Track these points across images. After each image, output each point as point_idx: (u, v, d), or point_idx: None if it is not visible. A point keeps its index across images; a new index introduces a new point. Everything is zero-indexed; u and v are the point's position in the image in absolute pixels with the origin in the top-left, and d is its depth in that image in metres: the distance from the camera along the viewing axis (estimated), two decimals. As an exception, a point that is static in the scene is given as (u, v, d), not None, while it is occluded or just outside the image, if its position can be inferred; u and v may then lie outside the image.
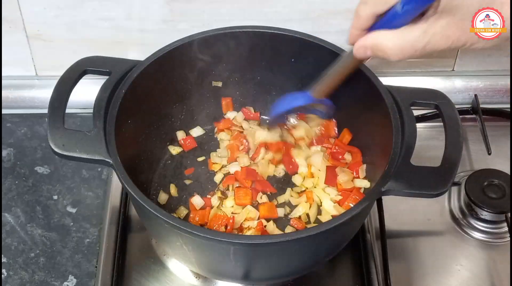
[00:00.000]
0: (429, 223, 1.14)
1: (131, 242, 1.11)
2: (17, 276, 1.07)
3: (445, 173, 0.91)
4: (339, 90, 1.14)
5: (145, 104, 1.08)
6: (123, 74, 1.03)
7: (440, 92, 1.02)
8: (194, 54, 1.09)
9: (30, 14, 1.20)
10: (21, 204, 1.16)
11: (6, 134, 1.27)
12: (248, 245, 0.87)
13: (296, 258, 0.95)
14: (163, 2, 1.18)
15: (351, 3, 1.17)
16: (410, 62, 1.30)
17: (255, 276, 1.00)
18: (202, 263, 0.98)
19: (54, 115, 0.96)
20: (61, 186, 1.19)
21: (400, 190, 0.91)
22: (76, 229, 1.13)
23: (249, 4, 1.18)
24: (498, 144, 1.21)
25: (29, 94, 1.31)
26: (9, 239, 1.12)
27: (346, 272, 1.08)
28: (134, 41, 1.24)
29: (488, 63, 1.31)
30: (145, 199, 0.89)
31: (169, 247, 1.01)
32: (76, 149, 0.93)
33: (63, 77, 1.01)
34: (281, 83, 1.19)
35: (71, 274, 1.08)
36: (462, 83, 1.32)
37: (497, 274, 1.07)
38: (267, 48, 1.12)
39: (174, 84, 1.12)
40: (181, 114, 1.19)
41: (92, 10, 1.19)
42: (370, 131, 1.08)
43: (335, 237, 0.96)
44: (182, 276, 1.07)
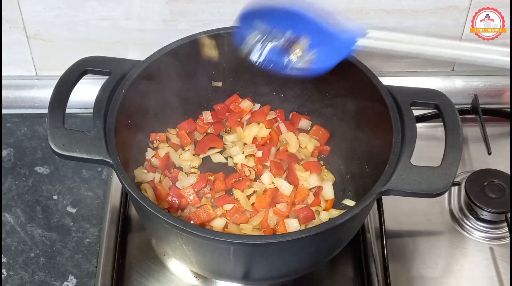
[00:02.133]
0: (429, 223, 1.14)
1: (131, 242, 1.11)
2: (17, 276, 1.07)
3: (445, 173, 0.91)
4: (338, 89, 1.14)
5: (145, 104, 1.08)
6: (123, 74, 1.03)
7: (440, 92, 1.02)
8: (194, 54, 1.09)
9: (30, 14, 1.20)
10: (21, 204, 1.16)
11: (6, 134, 1.27)
12: (248, 245, 0.87)
13: (296, 258, 0.95)
14: (163, 2, 1.18)
15: (351, 3, 1.18)
16: (410, 62, 1.30)
17: (255, 276, 1.00)
18: (202, 263, 0.98)
19: (54, 115, 0.96)
20: (61, 186, 1.19)
21: (400, 190, 0.91)
22: (76, 229, 1.13)
23: (249, 4, 1.18)
24: (498, 144, 1.21)
25: (29, 94, 1.30)
26: (9, 239, 1.12)
27: (346, 272, 1.08)
28: (134, 41, 1.24)
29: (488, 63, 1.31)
30: (145, 199, 0.89)
31: (169, 247, 1.01)
32: (76, 149, 0.93)
33: (63, 77, 1.01)
34: (281, 83, 1.19)
35: (71, 274, 1.08)
36: (462, 83, 1.32)
37: (497, 274, 1.07)
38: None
39: (174, 84, 1.12)
40: (181, 114, 1.19)
41: (92, 10, 1.19)
42: (370, 131, 1.08)
43: (335, 237, 0.96)
44: (182, 276, 1.07)
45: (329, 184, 1.13)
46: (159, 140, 1.16)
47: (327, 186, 1.12)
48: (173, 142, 1.17)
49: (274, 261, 0.94)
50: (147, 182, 1.10)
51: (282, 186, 1.11)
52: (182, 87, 1.14)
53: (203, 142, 1.18)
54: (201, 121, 1.20)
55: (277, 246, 0.87)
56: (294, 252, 0.92)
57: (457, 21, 1.21)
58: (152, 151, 1.14)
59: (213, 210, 1.07)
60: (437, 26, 1.22)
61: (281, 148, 1.18)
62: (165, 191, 1.10)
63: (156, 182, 1.11)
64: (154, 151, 1.14)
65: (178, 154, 1.16)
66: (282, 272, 1.00)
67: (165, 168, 1.13)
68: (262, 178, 1.13)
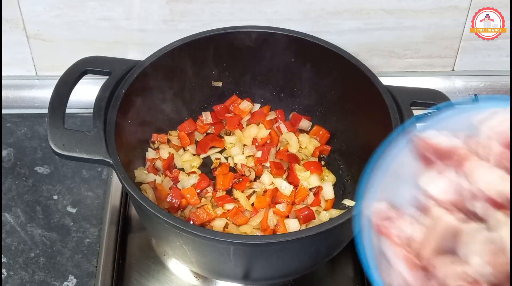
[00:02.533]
0: (429, 223, 1.13)
1: (131, 242, 1.11)
2: (17, 276, 1.07)
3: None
4: (339, 89, 1.14)
5: (145, 104, 1.08)
6: (123, 74, 1.03)
7: (440, 92, 1.02)
8: (194, 54, 1.09)
9: (30, 14, 1.20)
10: (21, 204, 1.16)
11: (6, 134, 1.27)
12: (248, 245, 0.87)
13: (296, 258, 0.95)
14: (163, 2, 1.18)
15: (351, 3, 1.19)
16: (410, 62, 1.30)
17: (255, 276, 1.00)
18: (202, 263, 0.98)
19: (54, 115, 0.96)
20: (61, 186, 1.19)
21: (400, 190, 0.91)
22: (76, 229, 1.13)
23: (249, 4, 1.18)
24: (498, 144, 1.21)
25: (29, 94, 1.30)
26: (9, 239, 1.12)
27: (346, 272, 1.08)
28: (134, 41, 1.24)
29: (488, 63, 1.31)
30: (145, 199, 0.89)
31: (169, 247, 1.01)
32: (76, 149, 0.93)
33: (63, 77, 1.01)
34: (281, 84, 1.19)
35: (71, 274, 1.08)
36: (462, 83, 1.32)
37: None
38: (267, 48, 1.12)
39: (174, 84, 1.12)
40: (181, 114, 1.19)
41: (92, 10, 1.19)
42: (370, 131, 1.07)
43: (335, 237, 0.96)
44: (182, 276, 1.07)
45: (329, 184, 1.13)
46: (160, 141, 1.16)
47: (327, 186, 1.12)
48: (173, 143, 1.17)
49: (274, 261, 0.94)
50: (148, 183, 1.10)
51: (282, 186, 1.11)
52: (182, 87, 1.14)
53: (204, 142, 1.18)
54: (201, 122, 1.20)
55: (277, 246, 0.87)
56: (294, 252, 0.92)
57: (457, 21, 1.21)
58: (153, 151, 1.14)
59: (213, 210, 1.07)
60: (437, 26, 1.22)
61: (282, 148, 1.18)
62: (165, 192, 1.10)
63: (157, 183, 1.11)
64: (154, 151, 1.14)
65: (179, 154, 1.16)
66: (282, 272, 1.00)
67: (167, 169, 1.13)
68: (262, 178, 1.13)
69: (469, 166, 0.58)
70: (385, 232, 0.59)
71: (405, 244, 0.58)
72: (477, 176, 0.57)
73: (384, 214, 0.60)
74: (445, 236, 0.57)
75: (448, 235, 0.57)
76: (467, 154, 0.59)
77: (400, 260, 0.58)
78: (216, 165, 1.16)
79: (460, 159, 0.58)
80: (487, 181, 0.56)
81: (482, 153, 0.58)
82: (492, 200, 0.56)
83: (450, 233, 0.57)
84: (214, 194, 1.11)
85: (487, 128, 0.59)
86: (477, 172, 0.57)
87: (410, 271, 0.57)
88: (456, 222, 0.56)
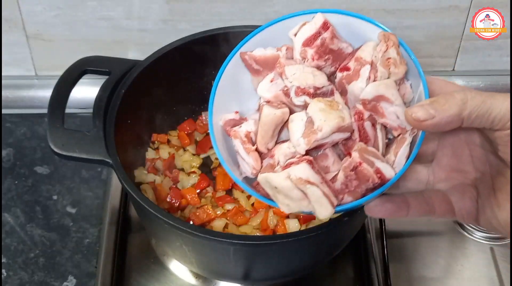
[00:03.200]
0: (430, 223, 1.13)
1: (131, 242, 1.11)
2: (16, 276, 1.07)
3: (446, 173, 0.91)
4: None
5: (145, 104, 1.08)
6: (123, 74, 1.03)
7: (440, 92, 1.02)
8: (194, 54, 1.09)
9: (29, 14, 1.20)
10: (20, 204, 1.16)
11: (6, 134, 1.27)
12: (248, 245, 0.87)
13: (296, 258, 0.95)
14: (163, 2, 1.18)
15: (351, 3, 1.18)
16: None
17: (255, 276, 1.00)
18: (202, 263, 0.98)
19: (53, 115, 0.96)
20: (61, 186, 1.19)
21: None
22: (75, 229, 1.13)
23: (249, 4, 1.18)
24: (498, 144, 1.21)
25: (29, 94, 1.30)
26: (9, 239, 1.11)
27: (346, 272, 1.08)
28: (134, 41, 1.24)
29: (488, 63, 1.31)
30: (145, 200, 0.89)
31: (169, 247, 1.00)
32: (75, 149, 0.93)
33: (63, 77, 1.01)
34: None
35: (70, 274, 1.08)
36: (463, 83, 1.32)
37: (498, 274, 1.07)
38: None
39: (174, 84, 1.12)
40: (181, 114, 1.19)
41: (92, 10, 1.19)
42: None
43: (335, 237, 0.96)
44: (182, 276, 1.06)
45: None
46: (160, 141, 1.15)
47: None
48: (173, 143, 1.17)
49: (274, 262, 0.94)
50: (147, 183, 1.10)
51: None
52: (182, 87, 1.14)
53: (204, 142, 1.18)
54: (201, 122, 1.20)
55: (277, 246, 0.87)
56: (294, 253, 0.92)
57: (457, 21, 1.21)
58: (152, 151, 1.14)
59: (213, 211, 1.06)
60: (437, 26, 1.22)
61: (281, 148, 1.18)
62: (165, 192, 1.09)
63: (157, 183, 1.11)
64: (154, 151, 1.14)
65: (179, 154, 1.16)
66: (282, 272, 1.00)
67: (167, 169, 1.13)
68: None
69: (287, 70, 0.74)
70: (234, 134, 0.75)
71: (249, 139, 0.75)
72: (293, 76, 0.74)
73: (232, 122, 0.77)
74: (277, 124, 0.73)
75: (279, 124, 0.73)
76: (286, 62, 0.75)
77: (244, 151, 0.75)
78: (216, 165, 1.16)
79: (281, 66, 0.75)
80: (301, 79, 0.73)
81: (298, 58, 0.75)
82: (306, 91, 0.72)
83: (279, 122, 0.73)
84: (214, 194, 1.11)
85: (298, 38, 0.75)
86: (293, 73, 0.74)
87: (248, 155, 0.74)
88: (279, 112, 0.73)
